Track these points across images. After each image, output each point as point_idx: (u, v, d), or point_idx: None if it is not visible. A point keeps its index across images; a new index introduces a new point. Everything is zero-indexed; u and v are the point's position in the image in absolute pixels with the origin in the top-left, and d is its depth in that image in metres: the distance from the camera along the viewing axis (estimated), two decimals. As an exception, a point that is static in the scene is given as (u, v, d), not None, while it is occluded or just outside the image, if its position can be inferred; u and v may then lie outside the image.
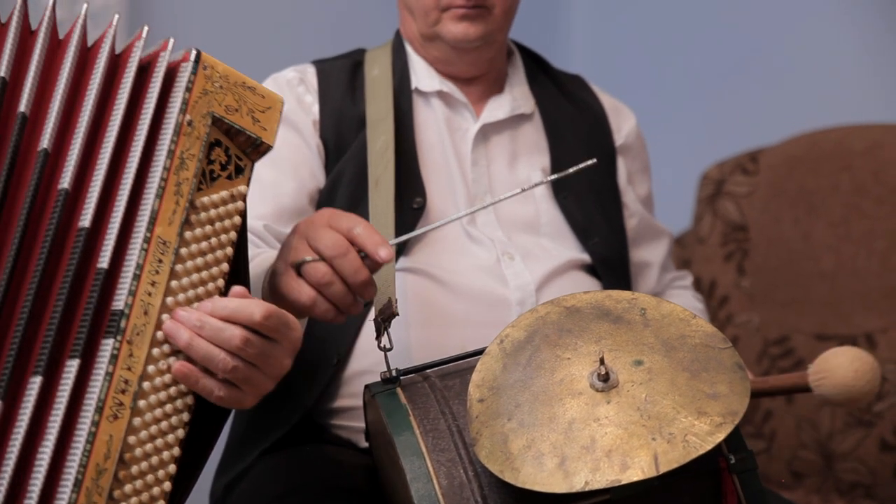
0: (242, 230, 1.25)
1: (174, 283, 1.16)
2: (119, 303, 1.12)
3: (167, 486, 1.15)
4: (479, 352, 1.32)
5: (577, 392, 1.18)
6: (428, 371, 1.37)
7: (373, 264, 1.31)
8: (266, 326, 1.16)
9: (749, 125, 2.88)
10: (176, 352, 1.16)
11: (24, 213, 1.11)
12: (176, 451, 1.16)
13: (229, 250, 1.20)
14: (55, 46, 1.19)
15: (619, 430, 1.14)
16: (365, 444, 1.53)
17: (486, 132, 1.79)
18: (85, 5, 1.23)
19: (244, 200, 1.23)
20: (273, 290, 1.36)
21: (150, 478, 1.14)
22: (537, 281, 1.67)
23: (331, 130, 1.73)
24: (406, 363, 1.41)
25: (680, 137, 2.98)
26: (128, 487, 1.12)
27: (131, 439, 1.12)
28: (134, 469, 1.12)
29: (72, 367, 1.10)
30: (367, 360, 1.60)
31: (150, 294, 1.13)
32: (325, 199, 1.70)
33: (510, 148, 1.80)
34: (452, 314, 1.62)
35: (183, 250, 1.16)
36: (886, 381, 2.23)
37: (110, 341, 1.11)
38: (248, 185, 1.23)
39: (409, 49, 1.82)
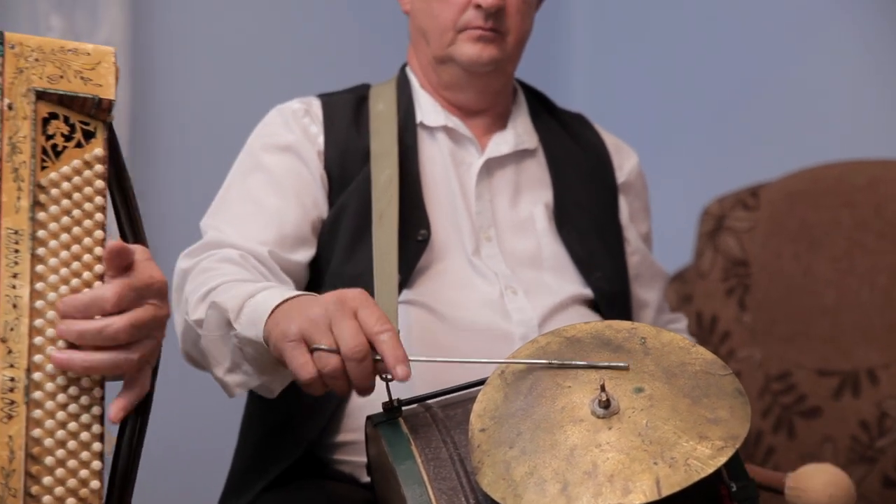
0: (124, 186, 1.23)
1: (41, 268, 1.13)
2: None
3: (97, 464, 1.13)
4: (481, 382, 1.32)
5: (578, 419, 1.18)
6: (430, 401, 1.37)
7: (383, 371, 1.29)
8: (126, 305, 1.13)
9: (749, 161, 2.89)
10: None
11: None
12: (97, 428, 1.14)
13: (100, 216, 1.18)
14: None
15: (621, 455, 1.14)
16: (367, 479, 1.52)
17: (491, 167, 1.80)
18: None
19: (103, 162, 1.20)
20: (277, 348, 1.36)
21: (72, 463, 1.12)
22: (540, 316, 1.67)
23: (335, 162, 1.74)
24: (408, 395, 1.40)
25: (681, 173, 2.99)
26: (46, 480, 1.10)
27: (36, 432, 1.10)
28: (48, 460, 1.11)
29: None
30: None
31: (14, 287, 1.12)
32: (328, 230, 1.71)
33: (514, 183, 1.81)
34: (455, 348, 1.62)
35: (41, 233, 1.14)
36: (888, 417, 2.23)
37: None
38: (105, 146, 1.20)
39: (415, 84, 1.83)
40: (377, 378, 1.36)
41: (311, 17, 2.88)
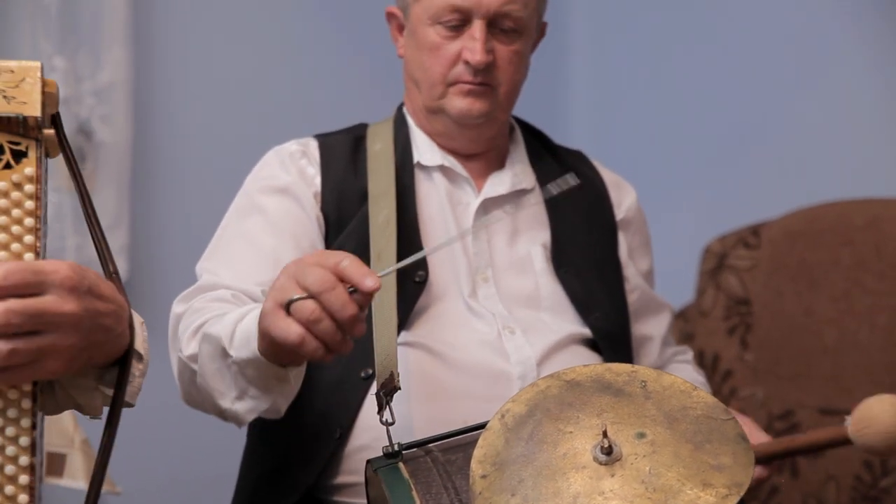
0: (85, 199, 1.21)
1: None
2: None
3: (24, 479, 1.10)
4: (482, 426, 1.31)
5: (580, 466, 1.18)
6: (430, 445, 1.36)
7: (361, 298, 1.28)
8: (10, 287, 1.07)
9: (750, 199, 2.90)
10: None
11: None
12: (25, 441, 1.11)
13: (29, 239, 1.13)
14: None
15: (625, 504, 1.14)
16: (367, 522, 1.52)
17: (488, 207, 1.80)
18: None
19: (35, 182, 1.16)
20: (262, 331, 1.35)
21: None
22: (538, 355, 1.67)
23: (332, 204, 1.74)
24: (408, 438, 1.40)
25: (682, 211, 2.99)
26: None
27: None
28: None
29: None
30: (368, 434, 1.59)
31: None
32: (326, 271, 1.71)
33: (511, 223, 1.81)
34: (454, 388, 1.62)
35: None
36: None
37: None
38: (38, 164, 1.16)
39: (412, 123, 1.84)
40: (379, 422, 1.37)
41: (309, 56, 2.89)
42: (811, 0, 2.92)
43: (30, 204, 1.14)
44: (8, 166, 1.15)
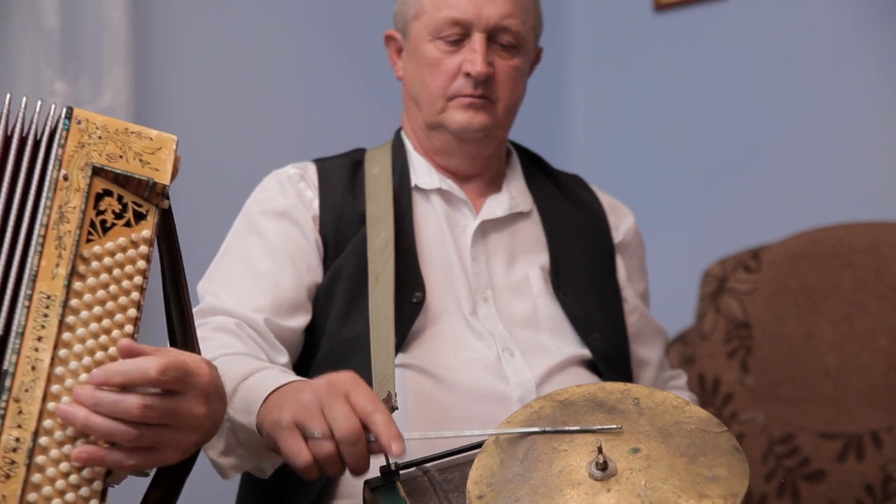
0: (176, 270, 1.27)
1: (67, 336, 1.15)
2: (4, 363, 1.12)
3: None
4: (478, 445, 1.31)
5: (576, 482, 1.18)
6: (427, 465, 1.36)
7: (379, 450, 1.30)
8: (165, 382, 1.14)
9: (750, 223, 2.90)
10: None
11: None
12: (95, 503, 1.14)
13: (136, 295, 1.20)
14: None
15: (622, 518, 1.14)
16: (364, 543, 1.51)
17: (485, 229, 1.80)
18: (8, 95, 1.25)
19: (150, 244, 1.22)
20: (269, 433, 1.37)
21: None
22: (538, 377, 1.66)
23: (330, 227, 1.75)
24: (405, 458, 1.40)
25: (682, 235, 3.00)
26: None
27: (32, 496, 1.10)
28: None
29: None
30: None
31: (36, 350, 1.13)
32: (324, 294, 1.71)
33: (509, 245, 1.81)
34: (452, 411, 1.62)
35: (74, 302, 1.16)
36: (893, 481, 2.21)
37: None
38: (153, 228, 1.23)
39: (409, 147, 1.85)
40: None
41: (309, 81, 2.90)
42: (811, 23, 2.93)
43: (141, 264, 1.21)
44: (128, 224, 1.21)
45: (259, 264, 1.71)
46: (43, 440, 1.12)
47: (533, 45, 1.82)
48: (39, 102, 1.23)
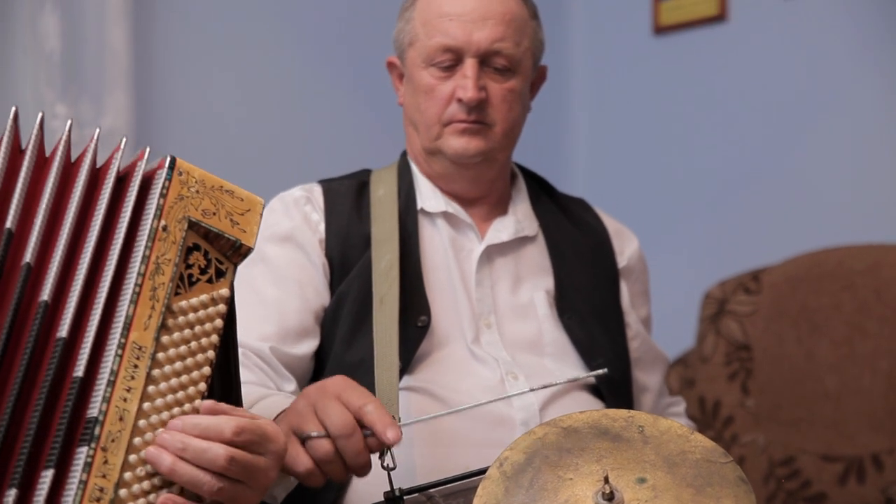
0: (229, 332, 1.25)
1: (151, 388, 1.15)
2: (93, 410, 1.12)
3: None
4: (483, 471, 1.31)
5: (582, 512, 1.18)
6: (431, 490, 1.36)
7: (376, 444, 1.31)
8: (240, 442, 1.15)
9: (751, 244, 2.90)
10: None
11: (6, 327, 1.11)
12: None
13: (211, 354, 1.20)
14: (41, 164, 1.21)
15: (629, 550, 1.13)
16: (369, 568, 1.51)
17: (491, 253, 1.80)
18: (69, 121, 1.26)
19: (226, 303, 1.23)
20: None
21: None
22: (541, 401, 1.66)
23: (336, 249, 1.75)
24: (410, 482, 1.40)
25: (682, 257, 3.00)
26: None
27: None
28: None
29: (46, 477, 1.09)
30: (370, 480, 1.59)
31: (125, 400, 1.13)
32: (329, 317, 1.71)
33: (514, 269, 1.81)
34: (456, 434, 1.62)
35: (160, 355, 1.16)
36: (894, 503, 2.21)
37: (84, 449, 1.10)
38: (230, 287, 1.23)
39: (415, 169, 1.84)
40: (380, 466, 1.36)
41: (311, 102, 2.91)
42: (811, 45, 2.94)
43: (218, 322, 1.21)
44: (210, 281, 1.22)
45: (264, 291, 1.71)
46: (122, 492, 1.12)
47: (531, 66, 1.81)
48: (124, 139, 1.24)
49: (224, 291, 1.23)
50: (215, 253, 1.23)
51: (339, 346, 1.68)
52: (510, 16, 1.76)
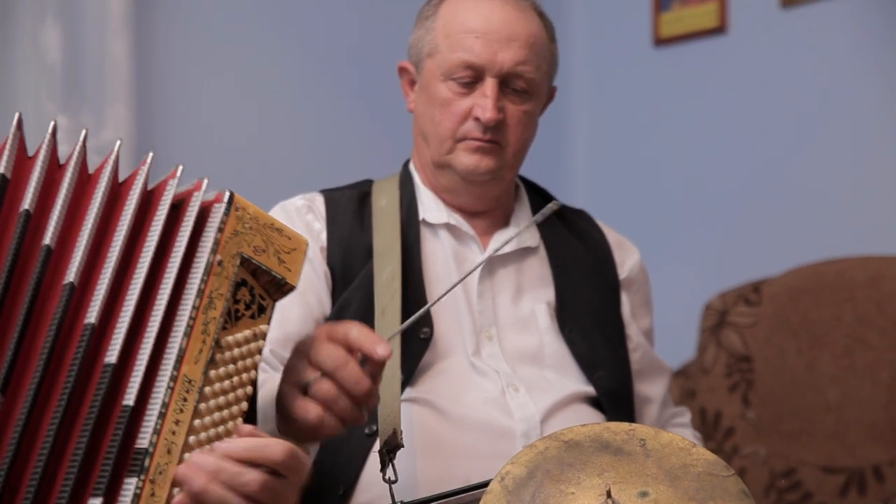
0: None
1: (197, 422, 1.15)
2: (144, 441, 1.11)
3: None
4: (485, 484, 1.31)
5: (584, 526, 1.17)
6: (433, 504, 1.36)
7: (373, 367, 1.30)
8: (286, 465, 1.15)
9: (751, 256, 2.91)
10: None
11: (46, 346, 1.10)
12: None
13: (249, 389, 1.21)
14: (84, 181, 1.21)
15: (631, 564, 1.13)
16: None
17: (493, 265, 1.80)
18: (117, 142, 1.26)
19: (264, 339, 1.23)
20: (281, 413, 1.36)
21: None
22: (542, 413, 1.66)
23: (338, 258, 1.75)
24: (411, 495, 1.40)
25: (683, 268, 3.00)
26: None
27: None
28: None
29: None
30: (372, 492, 1.59)
31: (174, 433, 1.12)
32: (331, 327, 1.71)
33: (516, 281, 1.81)
34: (457, 446, 1.62)
35: (207, 389, 1.16)
36: (896, 515, 2.21)
37: (133, 480, 1.09)
38: (268, 324, 1.24)
39: (417, 180, 1.84)
40: (381, 479, 1.36)
41: (314, 112, 2.91)
42: (811, 57, 2.94)
43: (258, 357, 1.22)
44: (253, 317, 1.23)
45: None
46: None
47: (546, 88, 1.81)
48: (151, 154, 1.25)
49: (264, 327, 1.23)
50: (260, 289, 1.24)
51: (341, 357, 1.68)
52: (534, 38, 1.75)
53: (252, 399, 1.25)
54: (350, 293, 1.72)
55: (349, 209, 1.80)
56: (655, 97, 3.27)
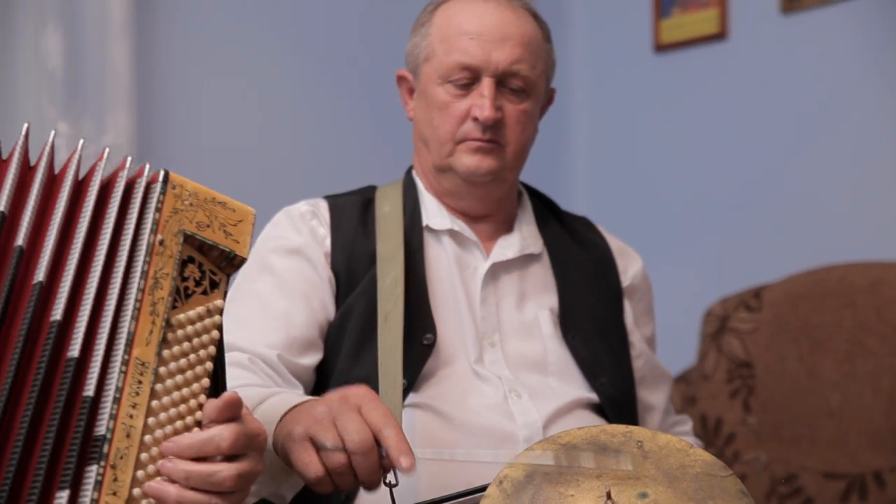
0: (219, 342, 1.25)
1: (155, 404, 1.15)
2: (101, 428, 1.12)
3: None
4: (483, 488, 1.30)
5: (583, 528, 1.17)
6: (432, 508, 1.36)
7: (390, 466, 1.31)
8: (241, 445, 1.15)
9: (752, 262, 2.91)
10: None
11: (19, 345, 1.11)
12: None
13: (209, 365, 1.20)
14: (51, 181, 1.22)
15: (631, 565, 1.13)
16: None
17: (496, 271, 1.80)
18: (82, 141, 1.26)
19: (221, 314, 1.23)
20: (282, 447, 1.37)
21: None
22: (544, 419, 1.66)
23: (342, 264, 1.75)
24: (413, 499, 1.40)
25: (683, 274, 3.00)
26: None
27: None
28: None
29: (61, 498, 1.08)
30: (374, 496, 1.58)
31: (131, 416, 1.13)
32: (335, 332, 1.71)
33: (519, 287, 1.81)
34: (459, 449, 1.62)
35: (162, 369, 1.16)
36: (897, 522, 2.21)
37: (94, 467, 1.10)
38: (223, 298, 1.24)
39: (421, 187, 1.85)
40: (382, 483, 1.36)
41: (316, 119, 2.92)
42: (811, 63, 2.95)
43: (215, 333, 1.22)
44: (205, 292, 1.22)
45: (272, 302, 1.71)
46: None
47: (544, 88, 1.82)
48: (107, 149, 1.24)
49: (219, 302, 1.23)
50: (209, 265, 1.23)
51: (345, 362, 1.68)
52: (528, 38, 1.76)
53: (215, 376, 1.25)
54: (353, 299, 1.72)
55: (353, 215, 1.80)
56: (656, 104, 3.28)
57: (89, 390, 1.12)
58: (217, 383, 1.26)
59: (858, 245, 2.66)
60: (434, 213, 1.82)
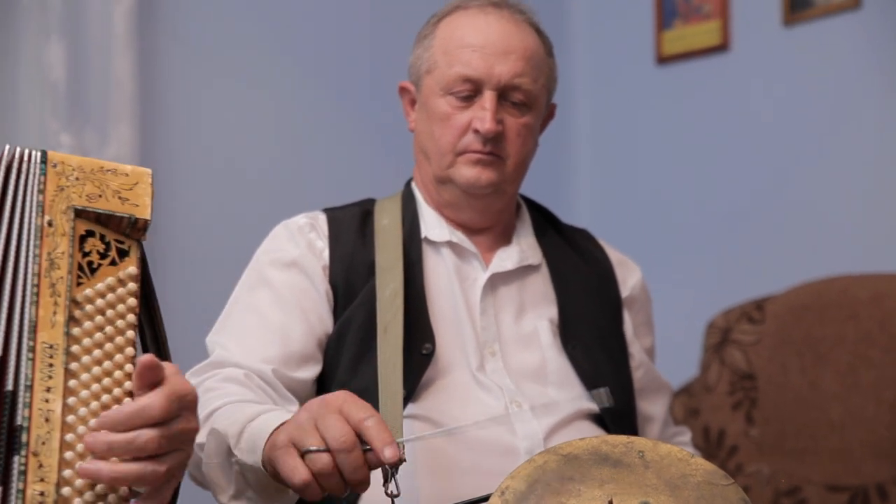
0: (150, 303, 1.25)
1: (73, 383, 1.14)
2: (17, 417, 1.12)
3: None
4: (485, 499, 1.30)
5: (586, 538, 1.17)
6: (433, 518, 1.36)
7: (375, 460, 1.31)
8: (172, 411, 1.14)
9: (754, 274, 2.91)
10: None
11: None
12: None
13: (130, 334, 1.19)
14: None
15: (634, 575, 1.13)
16: None
17: (495, 282, 1.80)
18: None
19: (137, 281, 1.22)
20: (269, 459, 1.37)
21: None
22: (545, 430, 1.66)
23: (341, 276, 1.75)
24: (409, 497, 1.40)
25: (685, 286, 3.00)
26: None
27: None
28: None
29: None
30: (376, 504, 1.59)
31: (47, 401, 1.12)
32: (333, 344, 1.71)
33: (518, 298, 1.81)
34: (460, 462, 1.62)
35: (75, 348, 1.16)
36: (900, 535, 2.20)
37: (16, 458, 1.10)
38: (138, 264, 1.22)
39: (420, 199, 1.85)
40: (384, 493, 1.36)
41: (319, 132, 2.92)
42: (814, 74, 2.95)
43: (132, 301, 1.20)
44: (113, 263, 1.20)
45: (269, 316, 1.71)
46: (65, 490, 1.11)
47: (545, 102, 1.83)
48: (7, 146, 1.22)
49: (131, 270, 1.22)
50: (113, 234, 1.22)
51: (344, 373, 1.68)
52: (531, 52, 1.77)
53: (156, 338, 1.25)
54: (352, 310, 1.72)
55: (352, 227, 1.80)
56: (658, 115, 3.28)
57: (9, 384, 1.12)
58: (159, 346, 1.26)
59: (861, 257, 2.66)
60: (433, 225, 1.82)
